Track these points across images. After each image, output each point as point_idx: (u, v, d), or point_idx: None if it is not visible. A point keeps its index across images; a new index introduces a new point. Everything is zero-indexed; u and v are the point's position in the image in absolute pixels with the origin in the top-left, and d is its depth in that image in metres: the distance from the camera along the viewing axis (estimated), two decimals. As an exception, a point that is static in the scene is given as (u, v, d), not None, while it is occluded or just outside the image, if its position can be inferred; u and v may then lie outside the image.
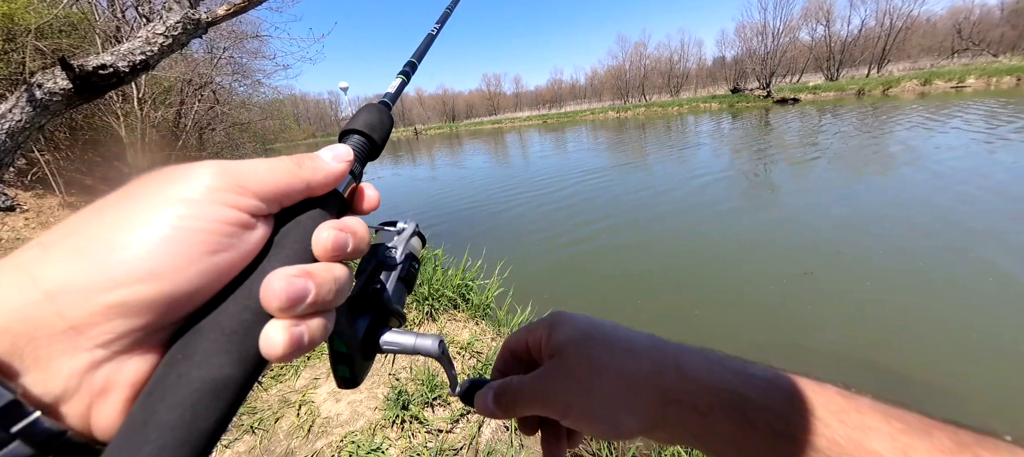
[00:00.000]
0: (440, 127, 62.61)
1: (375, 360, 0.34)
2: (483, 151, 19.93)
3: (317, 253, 0.23)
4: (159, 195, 0.20)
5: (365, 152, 0.31)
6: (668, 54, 55.69)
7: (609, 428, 0.29)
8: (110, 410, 0.19)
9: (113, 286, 0.18)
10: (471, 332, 2.62)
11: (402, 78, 0.40)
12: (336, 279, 0.23)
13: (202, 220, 0.20)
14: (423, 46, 0.46)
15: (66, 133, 7.60)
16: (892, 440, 0.22)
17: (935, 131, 9.72)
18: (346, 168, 0.27)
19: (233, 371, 0.20)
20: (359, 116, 0.32)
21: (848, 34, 39.82)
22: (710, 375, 0.28)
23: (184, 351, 0.19)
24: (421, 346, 0.31)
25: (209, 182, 0.21)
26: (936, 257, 3.61)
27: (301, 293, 0.21)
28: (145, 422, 0.18)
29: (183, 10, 2.15)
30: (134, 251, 0.18)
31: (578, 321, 0.34)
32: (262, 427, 1.91)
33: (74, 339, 0.18)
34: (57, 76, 1.95)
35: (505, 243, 5.43)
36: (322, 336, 0.22)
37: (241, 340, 0.20)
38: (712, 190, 6.84)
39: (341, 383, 0.30)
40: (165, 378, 0.19)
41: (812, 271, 3.60)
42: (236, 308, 0.21)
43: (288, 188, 0.24)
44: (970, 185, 5.39)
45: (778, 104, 26.00)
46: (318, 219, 0.25)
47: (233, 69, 11.00)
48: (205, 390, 0.19)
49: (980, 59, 34.96)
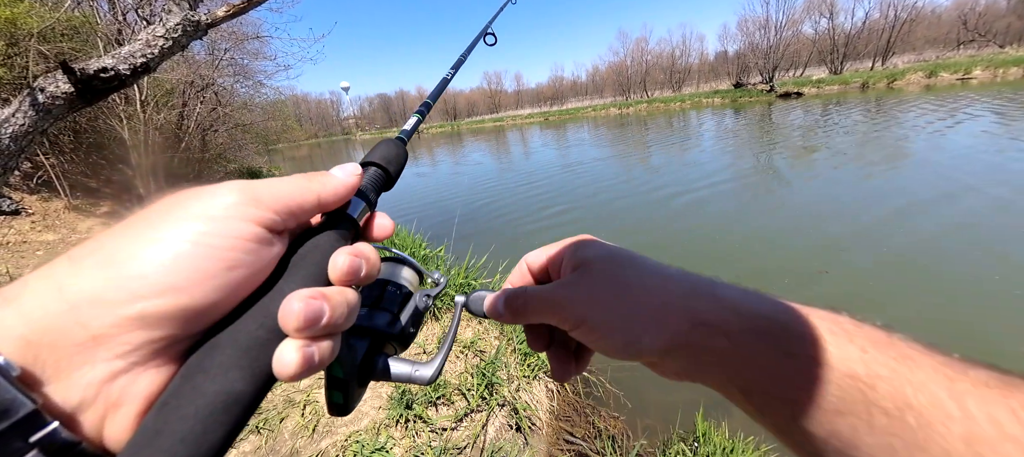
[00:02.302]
0: (442, 126, 62.64)
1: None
2: (485, 149, 19.90)
3: (333, 277, 0.24)
4: (182, 212, 0.21)
5: (380, 183, 0.32)
6: (670, 49, 55.41)
7: (622, 343, 0.28)
8: (123, 422, 0.19)
9: (134, 299, 0.19)
10: (474, 331, 2.61)
11: (418, 117, 0.43)
12: (348, 303, 0.24)
13: (222, 236, 0.21)
14: (437, 88, 0.52)
15: (70, 136, 7.64)
16: (934, 372, 0.21)
17: (945, 126, 9.62)
18: (356, 183, 0.28)
19: (245, 386, 0.20)
20: (376, 150, 0.34)
21: (852, 26, 39.45)
22: (747, 300, 0.27)
23: (200, 364, 0.20)
24: (418, 377, 0.32)
25: (231, 199, 0.22)
26: (964, 255, 3.46)
27: (318, 314, 0.21)
28: (157, 432, 0.18)
29: (183, 12, 2.15)
30: (155, 265, 0.19)
31: (607, 244, 0.33)
32: (267, 427, 1.92)
33: (95, 350, 0.18)
34: (59, 80, 1.96)
35: (509, 241, 5.43)
36: (330, 357, 0.23)
37: (255, 357, 0.21)
38: (720, 187, 6.80)
39: (333, 410, 0.30)
40: (180, 390, 0.19)
41: (826, 270, 3.53)
42: (253, 325, 0.21)
43: (301, 201, 0.25)
44: (990, 179, 5.23)
45: (781, 98, 25.84)
46: (335, 243, 0.26)
47: (234, 70, 11.01)
48: (217, 404, 0.19)
49: (986, 50, 34.54)
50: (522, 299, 0.32)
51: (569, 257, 0.33)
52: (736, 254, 4.19)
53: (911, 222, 4.27)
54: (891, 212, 4.57)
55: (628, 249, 0.32)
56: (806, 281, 3.43)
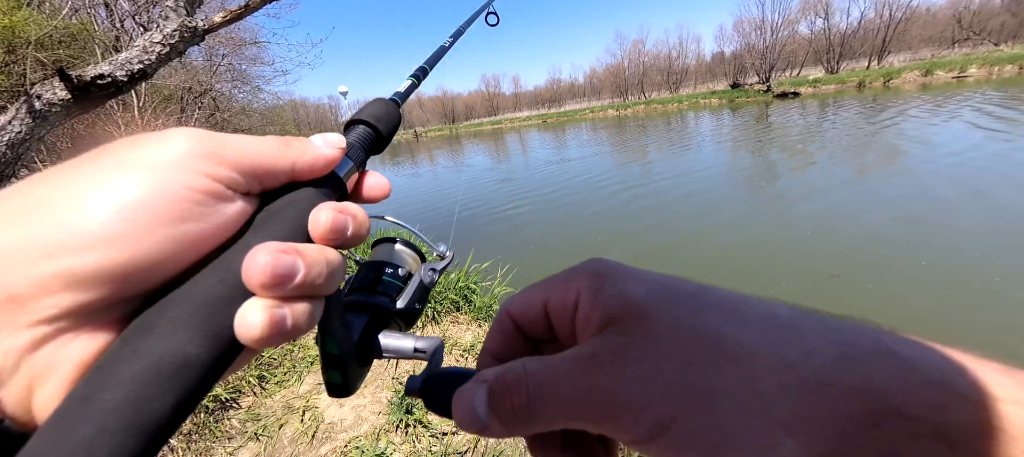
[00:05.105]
0: (440, 129, 62.72)
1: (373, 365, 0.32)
2: (484, 152, 19.93)
3: (314, 234, 0.21)
4: (123, 156, 0.18)
5: (370, 142, 0.30)
6: (667, 51, 55.59)
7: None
8: (54, 393, 0.16)
9: (59, 252, 0.16)
10: (474, 334, 2.61)
11: (413, 80, 0.39)
12: (329, 262, 0.21)
13: (171, 186, 0.18)
14: (435, 56, 0.47)
15: (68, 143, 7.63)
16: None
17: (938, 122, 9.66)
18: (336, 155, 0.25)
19: (198, 350, 0.17)
20: (366, 108, 0.31)
21: (847, 26, 39.66)
22: (944, 366, 0.15)
23: (144, 323, 0.17)
24: (423, 349, 0.29)
25: (184, 148, 0.19)
26: (978, 258, 3.38)
27: (289, 270, 0.18)
28: (85, 400, 0.15)
29: (180, 18, 2.15)
30: (87, 215, 0.16)
31: (643, 273, 0.21)
32: (266, 434, 1.91)
33: (13, 312, 0.16)
34: (56, 87, 1.95)
35: (509, 244, 5.43)
36: (307, 325, 0.20)
37: (212, 315, 0.18)
38: (725, 191, 6.81)
39: (332, 391, 0.27)
40: (118, 352, 0.16)
41: (839, 274, 3.49)
42: (210, 280, 0.18)
43: (271, 166, 0.22)
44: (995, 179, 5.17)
45: (778, 98, 25.92)
46: (316, 198, 0.23)
47: (232, 76, 11.06)
48: (162, 367, 0.16)
49: (981, 48, 34.72)
50: (523, 393, 0.19)
51: (590, 301, 0.20)
52: (738, 257, 4.19)
53: (920, 224, 4.27)
54: (901, 214, 4.53)
55: (678, 277, 0.20)
56: (818, 286, 3.37)
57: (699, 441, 0.16)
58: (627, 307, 0.19)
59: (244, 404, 2.13)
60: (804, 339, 0.17)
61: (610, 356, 0.18)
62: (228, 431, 1.95)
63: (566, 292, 0.21)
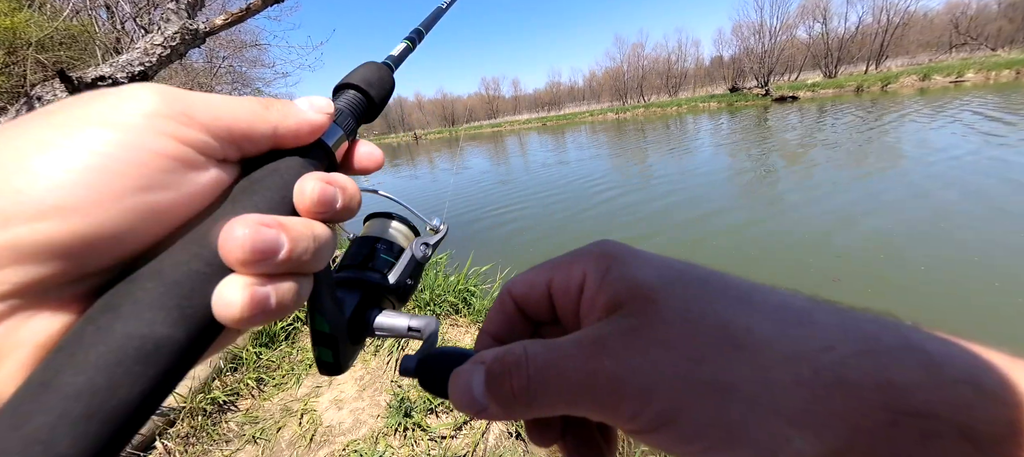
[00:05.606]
0: (440, 131, 62.78)
1: (366, 347, 0.30)
2: (483, 155, 19.95)
3: (299, 206, 0.20)
4: (81, 113, 0.16)
5: (360, 109, 0.28)
6: (665, 55, 55.87)
7: (755, 454, 0.15)
8: (10, 378, 0.15)
9: (7, 222, 0.14)
10: (474, 338, 2.60)
11: (408, 43, 0.36)
12: (316, 237, 0.19)
13: (134, 149, 0.16)
14: (431, 17, 0.42)
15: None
16: None
17: (937, 126, 9.70)
18: (323, 121, 0.23)
19: (171, 330, 0.16)
20: (357, 71, 0.29)
21: (845, 31, 39.90)
22: (972, 363, 0.14)
23: (109, 302, 0.16)
24: (418, 327, 0.27)
25: (150, 107, 0.17)
26: (984, 259, 3.37)
27: (271, 245, 0.17)
28: (44, 385, 0.14)
29: (181, 20, 2.16)
30: (38, 180, 0.15)
31: (652, 256, 0.20)
32: (264, 437, 1.90)
33: None
34: (56, 88, 1.95)
35: (509, 247, 5.43)
36: (294, 303, 0.19)
37: (186, 293, 0.16)
38: (724, 194, 6.82)
39: (323, 369, 0.26)
40: (81, 333, 0.15)
41: (839, 278, 3.49)
42: (184, 255, 0.17)
43: (248, 130, 0.20)
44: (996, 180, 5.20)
45: (777, 102, 26.02)
46: (301, 168, 0.21)
47: (233, 78, 11.08)
48: (129, 350, 0.15)
49: (978, 53, 34.93)
50: (524, 375, 0.18)
51: (597, 284, 0.20)
52: (738, 259, 4.19)
53: (920, 227, 4.28)
54: (901, 218, 4.54)
55: (687, 261, 0.20)
56: (818, 290, 3.37)
57: (705, 434, 0.16)
58: (635, 291, 0.18)
59: (242, 407, 2.12)
60: (821, 331, 0.16)
61: (616, 341, 0.17)
62: (226, 434, 1.94)
63: (571, 273, 0.21)
